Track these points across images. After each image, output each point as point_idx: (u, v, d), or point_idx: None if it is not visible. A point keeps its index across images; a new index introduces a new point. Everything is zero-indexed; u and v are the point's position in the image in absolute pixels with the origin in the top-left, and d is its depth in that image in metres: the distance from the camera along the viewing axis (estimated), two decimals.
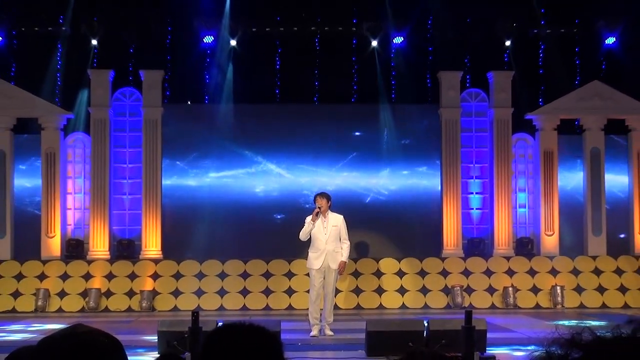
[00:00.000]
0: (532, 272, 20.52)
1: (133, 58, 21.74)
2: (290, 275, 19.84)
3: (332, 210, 15.27)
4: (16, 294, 19.77)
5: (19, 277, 20.00)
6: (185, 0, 20.70)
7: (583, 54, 22.46)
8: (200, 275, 20.21)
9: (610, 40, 21.61)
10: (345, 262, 15.38)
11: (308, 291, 16.25)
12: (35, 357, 2.73)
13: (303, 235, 15.14)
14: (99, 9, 21.13)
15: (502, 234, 21.02)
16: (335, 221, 15.15)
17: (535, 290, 20.26)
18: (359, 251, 20.55)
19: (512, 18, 21.43)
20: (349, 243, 15.34)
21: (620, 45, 21.73)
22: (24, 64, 21.78)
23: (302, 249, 15.88)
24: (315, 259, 15.09)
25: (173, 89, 21.96)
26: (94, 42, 21.37)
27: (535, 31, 22.03)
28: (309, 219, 15.08)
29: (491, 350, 12.32)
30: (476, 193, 21.50)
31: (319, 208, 15.06)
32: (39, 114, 20.75)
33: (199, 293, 19.94)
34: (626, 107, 21.02)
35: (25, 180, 21.16)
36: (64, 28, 21.38)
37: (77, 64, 21.54)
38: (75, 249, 20.65)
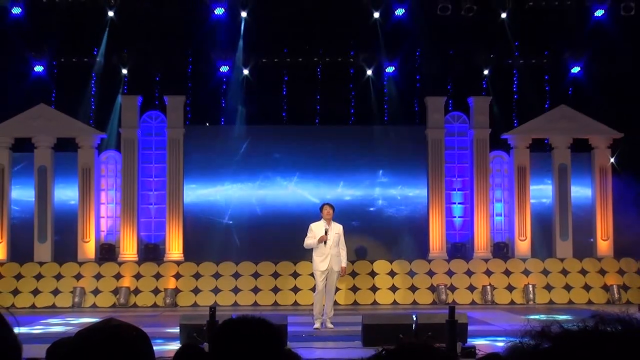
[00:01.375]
0: (507, 273, 20.54)
1: (158, 85, 21.76)
2: (295, 275, 19.86)
3: (333, 220, 15.45)
4: (56, 292, 19.79)
5: (58, 277, 20.01)
6: (204, 34, 20.59)
7: (552, 81, 22.44)
8: (217, 275, 20.22)
9: (576, 69, 21.64)
10: (345, 267, 15.56)
11: (312, 289, 16.42)
12: (73, 347, 2.68)
13: (310, 241, 15.21)
14: (128, 42, 21.10)
15: (481, 239, 21.09)
16: (337, 229, 15.23)
17: (510, 288, 20.29)
18: (356, 254, 20.54)
19: (489, 50, 21.43)
20: (346, 249, 15.51)
21: (584, 73, 21.69)
22: (62, 90, 21.72)
23: (305, 251, 15.86)
24: (320, 262, 15.14)
25: (193, 112, 21.94)
26: (124, 71, 21.43)
27: (510, 61, 22.00)
28: (313, 226, 15.26)
29: (472, 341, 12.38)
30: (458, 203, 21.48)
31: (323, 217, 15.22)
32: (76, 134, 20.78)
33: (216, 291, 19.95)
34: (589, 128, 21.06)
35: (63, 193, 21.06)
36: (98, 59, 21.33)
37: (109, 90, 21.53)
38: (107, 252, 20.65)
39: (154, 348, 2.75)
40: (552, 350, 1.79)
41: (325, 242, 14.93)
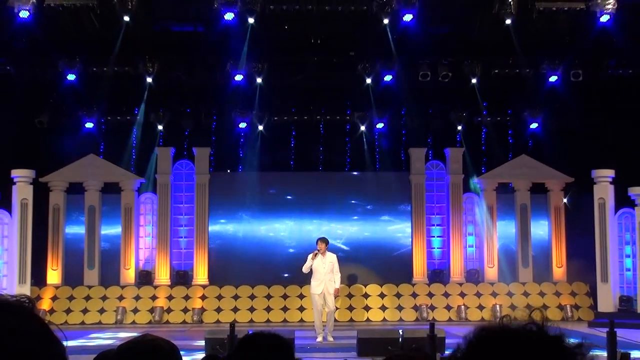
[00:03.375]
0: (478, 294, 20.57)
1: (188, 139, 21.83)
2: (301, 296, 19.80)
3: (328, 250, 15.62)
4: (102, 311, 19.82)
5: (104, 298, 20.08)
6: (226, 97, 20.67)
7: (514, 135, 22.51)
8: (236, 297, 20.25)
9: (534, 125, 21.65)
10: (338, 288, 15.70)
11: None
12: (117, 357, 2.73)
13: (305, 269, 15.39)
14: (163, 103, 21.20)
15: (456, 266, 21.10)
16: (331, 258, 15.43)
17: (480, 307, 20.31)
18: (351, 279, 20.53)
19: (462, 109, 21.44)
20: (340, 274, 15.61)
21: (541, 128, 21.70)
22: (109, 142, 21.87)
23: (308, 278, 15.92)
24: (317, 286, 15.32)
25: (217, 161, 21.95)
26: (160, 127, 21.53)
27: (479, 118, 22.01)
28: (310, 256, 15.38)
29: (449, 352, 12.53)
30: (437, 236, 21.49)
31: (318, 250, 15.37)
32: (119, 179, 20.90)
33: (235, 310, 19.96)
34: (546, 174, 21.11)
35: (109, 228, 21.15)
36: (138, 117, 21.43)
37: (148, 142, 21.60)
38: (145, 277, 20.71)
39: (183, 358, 2.81)
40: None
41: (315, 256, 15.20)
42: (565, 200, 21.52)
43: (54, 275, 20.45)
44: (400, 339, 12.95)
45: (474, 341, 1.64)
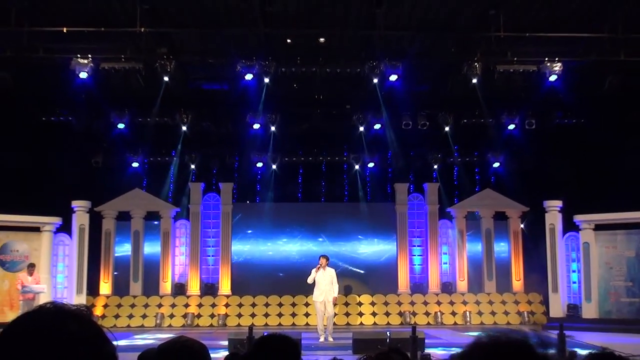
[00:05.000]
0: (451, 303, 20.48)
1: (215, 176, 21.87)
2: (306, 304, 19.72)
3: (328, 266, 15.63)
4: (144, 316, 19.81)
5: (146, 305, 20.08)
6: (246, 141, 20.75)
7: (480, 172, 22.51)
8: (254, 305, 20.19)
9: (496, 164, 21.66)
10: (336, 297, 15.72)
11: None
12: (157, 354, 2.70)
13: (310, 280, 15.49)
14: (195, 147, 21.25)
15: (434, 279, 21.02)
16: (330, 272, 15.47)
17: (453, 313, 20.20)
18: (347, 290, 20.43)
19: (437, 151, 21.47)
20: (337, 286, 15.64)
21: (502, 167, 21.74)
22: (150, 179, 21.88)
23: (311, 288, 15.88)
24: (319, 295, 15.35)
25: (239, 194, 21.93)
26: (192, 166, 21.59)
27: (451, 159, 22.03)
28: (314, 271, 15.40)
29: (427, 350, 12.44)
30: (417, 255, 21.45)
31: (320, 265, 15.41)
32: (159, 209, 20.94)
33: (253, 315, 19.89)
34: (506, 204, 21.06)
35: (150, 248, 21.14)
36: (174, 158, 21.53)
37: (182, 179, 21.68)
38: (179, 289, 20.69)
39: (211, 355, 2.80)
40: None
41: (317, 270, 15.28)
42: (522, 225, 21.50)
43: (105, 287, 20.45)
44: (387, 340, 12.96)
45: (468, 351, 1.64)
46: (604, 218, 18.58)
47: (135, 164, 21.41)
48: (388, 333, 13.56)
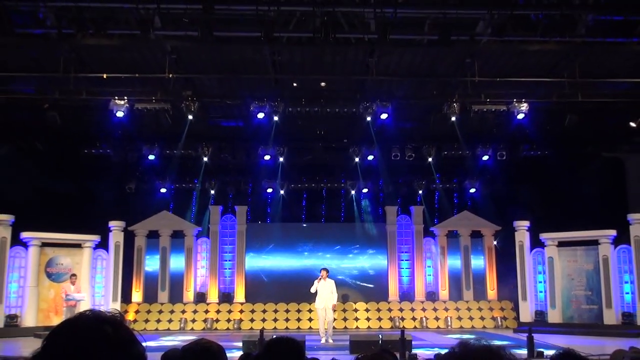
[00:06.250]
0: (435, 309, 20.43)
1: (231, 200, 21.89)
2: (310, 311, 19.66)
3: (328, 277, 15.56)
4: (170, 320, 19.77)
5: (171, 311, 20.04)
6: (258, 170, 20.70)
7: (458, 197, 22.52)
8: (264, 311, 20.16)
9: (472, 190, 21.74)
10: (335, 304, 15.62)
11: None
12: (181, 355, 2.67)
13: (312, 290, 15.39)
14: (215, 175, 21.29)
15: (419, 289, 20.96)
16: (330, 283, 15.39)
17: (437, 318, 20.12)
18: (344, 298, 20.43)
19: (422, 179, 21.51)
20: (336, 294, 15.55)
21: (478, 193, 21.82)
22: (176, 202, 21.84)
23: (314, 297, 15.79)
24: (320, 302, 15.28)
25: (252, 216, 21.94)
26: (212, 191, 21.67)
27: (434, 185, 22.04)
28: (316, 281, 15.35)
29: (414, 351, 12.36)
30: (405, 268, 21.37)
31: (321, 276, 15.35)
32: (183, 228, 20.96)
33: (264, 320, 19.83)
34: (481, 224, 21.15)
35: (176, 262, 21.06)
36: (197, 185, 21.56)
37: (203, 202, 21.64)
38: (200, 297, 20.64)
39: (227, 355, 2.80)
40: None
41: (319, 281, 15.23)
42: (495, 242, 21.52)
43: (136, 295, 20.43)
44: (380, 341, 12.87)
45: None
46: (566, 236, 18.56)
47: (163, 190, 21.46)
48: (380, 336, 13.46)
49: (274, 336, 3.16)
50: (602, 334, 16.46)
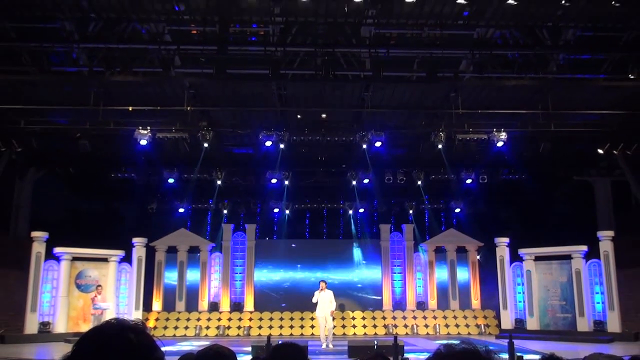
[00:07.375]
0: (424, 317, 20.22)
1: (242, 219, 21.86)
2: (312, 319, 19.41)
3: (327, 288, 15.46)
4: (186, 327, 19.59)
5: (188, 319, 19.86)
6: (266, 192, 20.72)
7: (445, 216, 22.53)
8: (271, 319, 20.01)
9: (458, 210, 21.75)
10: (334, 310, 15.44)
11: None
12: (195, 358, 2.63)
13: (314, 300, 15.24)
14: (227, 196, 21.29)
15: (410, 299, 20.79)
16: (329, 293, 15.25)
17: (426, 326, 19.91)
18: (342, 307, 20.28)
19: (412, 200, 21.50)
20: (335, 303, 15.39)
21: (463, 212, 21.83)
22: (192, 221, 21.83)
23: (315, 306, 15.65)
24: (320, 311, 15.13)
25: (260, 233, 21.90)
26: (225, 211, 21.69)
27: (423, 206, 22.03)
28: (317, 292, 15.24)
29: (406, 355, 12.26)
30: (398, 280, 21.21)
31: (321, 287, 15.24)
32: (199, 244, 20.84)
33: (270, 327, 19.68)
34: (465, 240, 21.01)
35: (192, 274, 20.93)
36: (212, 205, 21.55)
37: (217, 221, 21.65)
38: (213, 306, 20.47)
39: (238, 358, 2.75)
40: None
41: (319, 292, 15.10)
42: (478, 257, 21.37)
43: (157, 304, 20.29)
44: (375, 346, 12.81)
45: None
46: (542, 251, 18.48)
47: (181, 210, 21.47)
48: (375, 341, 13.41)
49: (280, 341, 3.10)
50: (575, 340, 16.31)
